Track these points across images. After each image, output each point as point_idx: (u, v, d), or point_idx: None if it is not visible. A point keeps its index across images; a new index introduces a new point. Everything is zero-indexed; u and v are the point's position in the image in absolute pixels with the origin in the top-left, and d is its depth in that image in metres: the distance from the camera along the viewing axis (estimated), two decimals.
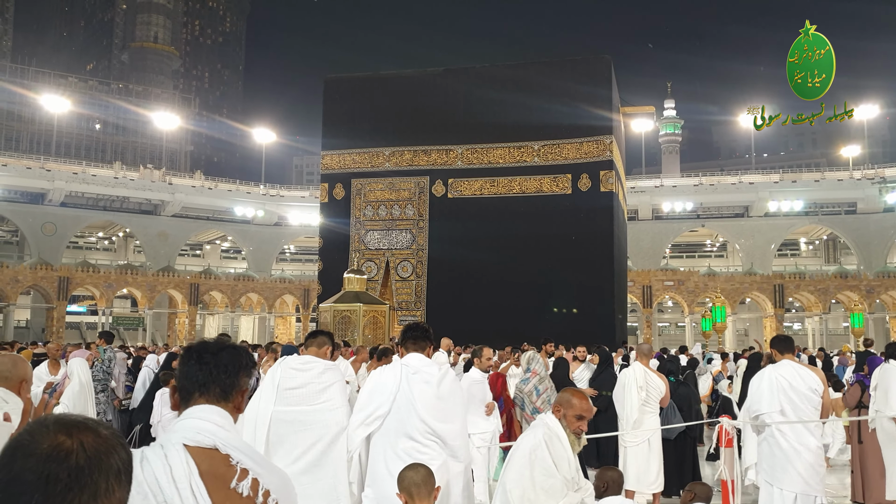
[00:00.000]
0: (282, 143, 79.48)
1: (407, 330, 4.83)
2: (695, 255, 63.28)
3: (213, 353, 2.16)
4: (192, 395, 2.12)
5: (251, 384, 2.26)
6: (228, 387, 2.13)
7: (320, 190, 27.24)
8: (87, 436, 1.27)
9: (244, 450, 2.00)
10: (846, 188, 55.29)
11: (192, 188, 58.65)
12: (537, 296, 22.55)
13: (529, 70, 26.51)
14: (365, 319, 18.58)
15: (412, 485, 3.49)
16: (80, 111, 75.78)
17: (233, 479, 1.91)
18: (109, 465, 1.27)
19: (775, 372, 6.04)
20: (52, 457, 1.21)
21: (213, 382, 2.11)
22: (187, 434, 1.98)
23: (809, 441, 5.85)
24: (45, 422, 1.29)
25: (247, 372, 2.20)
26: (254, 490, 1.92)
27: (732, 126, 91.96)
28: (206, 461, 1.93)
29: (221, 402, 2.11)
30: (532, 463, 3.64)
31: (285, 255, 64.98)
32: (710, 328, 33.71)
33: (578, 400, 3.87)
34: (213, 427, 2.01)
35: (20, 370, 3.20)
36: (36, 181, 53.03)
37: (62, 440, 1.24)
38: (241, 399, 2.18)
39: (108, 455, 1.27)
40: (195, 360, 2.15)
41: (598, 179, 23.70)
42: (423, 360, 4.61)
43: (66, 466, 1.21)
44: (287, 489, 2.03)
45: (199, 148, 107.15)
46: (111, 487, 1.26)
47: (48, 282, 45.42)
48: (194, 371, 2.13)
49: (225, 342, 2.24)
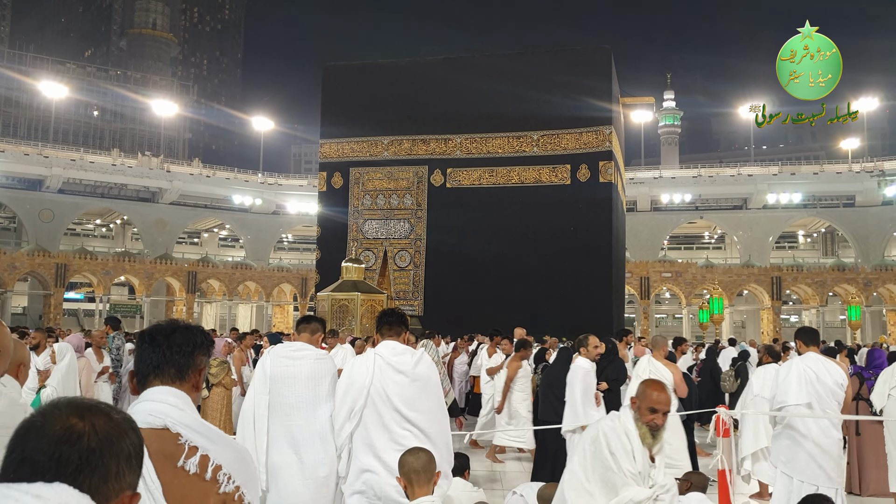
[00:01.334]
0: (280, 132, 79.36)
1: (382, 316, 4.73)
2: (693, 247, 63.30)
3: (165, 335, 2.17)
4: (147, 378, 2.13)
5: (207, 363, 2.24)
6: (183, 367, 2.14)
7: (318, 179, 27.19)
8: (99, 419, 1.28)
9: (197, 427, 2.01)
10: (845, 181, 55.28)
11: (190, 176, 58.52)
12: (535, 286, 22.55)
13: (529, 60, 26.43)
14: (363, 308, 18.57)
15: (412, 471, 3.46)
16: (78, 98, 75.49)
17: (181, 457, 1.92)
18: (120, 449, 1.29)
19: (803, 364, 5.99)
20: (63, 439, 1.23)
21: (166, 363, 2.13)
22: (139, 416, 1.99)
23: (834, 434, 5.85)
24: (57, 404, 1.30)
25: (203, 351, 2.20)
26: (202, 466, 1.93)
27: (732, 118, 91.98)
28: (157, 441, 1.94)
29: (177, 383, 2.12)
30: (591, 454, 3.54)
31: (283, 243, 64.93)
32: (707, 320, 33.78)
33: (654, 391, 3.57)
34: (165, 407, 2.02)
35: (18, 354, 3.18)
36: (34, 168, 52.89)
37: (74, 422, 1.25)
38: (199, 378, 2.19)
39: (120, 439, 1.29)
40: (148, 343, 2.16)
41: (597, 170, 23.68)
42: (397, 348, 4.54)
43: (77, 449, 1.23)
44: (243, 463, 2.03)
45: (198, 136, 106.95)
46: (122, 471, 1.28)
47: (46, 268, 45.36)
48: (147, 354, 2.15)
49: (178, 323, 2.23)
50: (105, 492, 1.25)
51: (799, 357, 6.17)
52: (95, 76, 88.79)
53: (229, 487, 1.94)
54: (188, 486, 1.91)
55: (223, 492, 1.94)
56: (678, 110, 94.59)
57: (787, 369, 6.09)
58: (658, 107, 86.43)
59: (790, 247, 62.61)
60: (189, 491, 1.91)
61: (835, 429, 5.89)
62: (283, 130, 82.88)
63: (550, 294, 22.41)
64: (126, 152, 64.80)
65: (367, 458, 4.34)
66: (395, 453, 4.12)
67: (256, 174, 62.21)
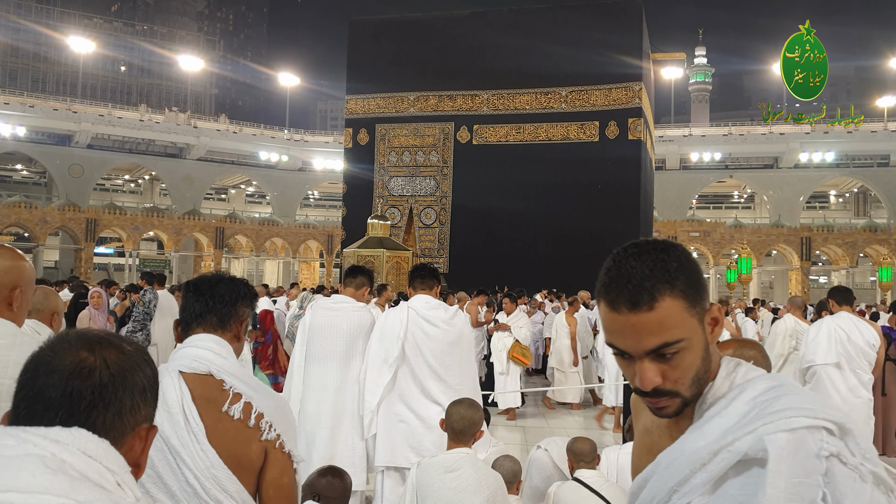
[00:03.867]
0: (306, 88, 79.03)
1: (414, 270, 4.78)
2: (722, 207, 62.55)
3: (210, 286, 2.22)
4: (190, 326, 2.19)
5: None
6: (225, 316, 2.19)
7: (344, 135, 27.11)
8: (110, 352, 1.24)
9: (240, 375, 2.06)
10: (880, 140, 53.96)
11: (217, 132, 58.68)
12: (562, 244, 22.44)
13: (558, 14, 25.92)
14: (388, 265, 18.64)
15: (455, 421, 3.46)
16: (105, 53, 75.61)
17: (225, 403, 1.98)
18: (134, 383, 1.25)
19: (834, 323, 5.91)
20: (75, 373, 1.19)
21: (209, 312, 2.18)
22: (184, 361, 2.06)
23: (863, 394, 5.79)
24: (66, 337, 1.25)
25: (245, 302, 2.25)
26: (245, 413, 1.99)
27: (764, 75, 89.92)
28: (201, 386, 2.01)
29: (219, 332, 2.17)
30: None
31: (309, 200, 65.17)
32: (735, 280, 33.52)
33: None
34: (209, 354, 2.08)
35: (52, 302, 3.24)
36: (63, 123, 53.31)
37: (85, 356, 1.22)
38: (240, 328, 2.24)
39: (133, 372, 1.25)
40: (192, 293, 2.22)
41: (626, 127, 23.35)
42: (430, 302, 4.56)
43: (89, 384, 1.20)
44: (283, 413, 2.08)
45: (224, 91, 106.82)
46: (136, 405, 1.25)
47: (76, 223, 46.00)
48: (192, 303, 2.21)
49: (222, 275, 2.28)
50: (121, 426, 1.22)
51: (831, 316, 6.10)
52: (122, 31, 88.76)
53: (271, 435, 2.00)
54: (232, 430, 1.97)
55: (265, 439, 1.99)
56: (709, 67, 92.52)
57: (818, 328, 6.03)
58: (689, 63, 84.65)
59: (821, 207, 61.62)
60: (233, 436, 1.97)
61: (864, 388, 5.83)
62: (309, 86, 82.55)
63: (577, 253, 22.25)
64: (153, 108, 65.04)
65: (400, 408, 4.39)
66: (427, 404, 4.16)
67: (283, 130, 62.22)
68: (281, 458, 2.01)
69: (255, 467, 1.98)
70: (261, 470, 2.00)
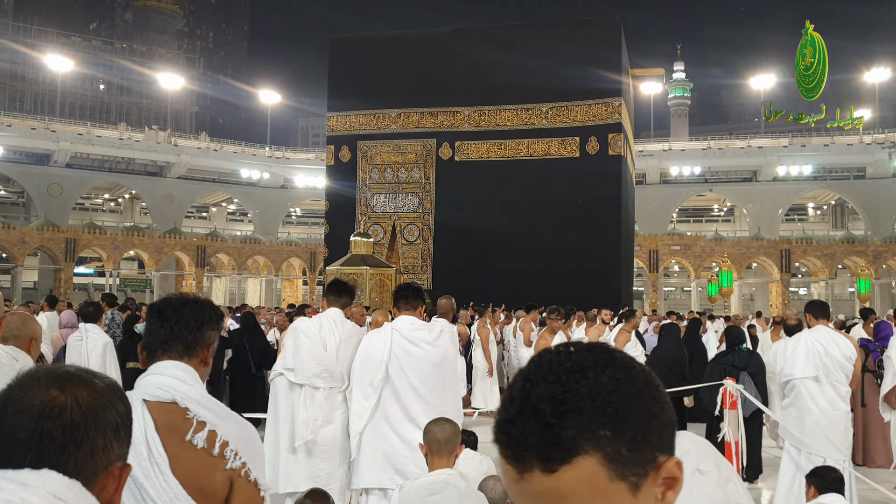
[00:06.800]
0: (287, 105, 79.01)
1: (399, 290, 4.77)
2: (702, 220, 63.02)
3: (174, 310, 2.16)
4: (156, 353, 2.14)
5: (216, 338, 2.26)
6: (191, 342, 2.13)
7: (326, 152, 27.14)
8: (81, 390, 1.19)
9: (205, 403, 2.02)
10: (856, 153, 54.71)
11: (198, 150, 58.38)
12: (544, 259, 22.53)
13: (538, 31, 26.18)
14: (371, 282, 18.62)
15: (434, 440, 3.46)
16: (83, 71, 75.17)
17: (188, 432, 1.94)
18: (107, 421, 1.20)
19: (811, 337, 5.96)
20: (44, 413, 1.14)
21: (174, 339, 2.12)
22: (148, 389, 2.02)
23: (841, 406, 5.85)
24: (35, 374, 1.20)
25: (211, 326, 2.19)
26: (210, 441, 1.94)
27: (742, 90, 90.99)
28: (165, 415, 1.96)
29: (185, 358, 2.12)
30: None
31: (291, 217, 64.94)
32: (716, 293, 33.77)
33: None
34: (173, 382, 2.03)
35: (30, 328, 3.22)
36: (41, 142, 52.80)
37: (55, 395, 1.17)
38: (207, 353, 2.18)
39: (105, 410, 1.20)
40: (156, 318, 2.16)
41: (606, 142, 23.55)
42: (414, 323, 4.54)
43: (59, 424, 1.15)
44: (249, 441, 2.04)
45: (204, 109, 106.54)
46: (109, 444, 1.20)
47: (55, 243, 45.54)
48: (156, 329, 2.15)
49: (187, 297, 2.23)
50: (93, 467, 1.17)
51: (808, 330, 6.16)
52: (101, 49, 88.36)
53: (236, 463, 1.95)
54: (195, 460, 1.93)
55: (230, 467, 1.95)
56: (688, 82, 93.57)
57: (795, 342, 6.08)
58: (668, 78, 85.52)
59: (800, 219, 62.23)
60: (197, 465, 1.93)
61: (842, 401, 5.89)
62: (290, 103, 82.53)
63: (559, 267, 22.39)
64: (133, 126, 64.64)
65: (384, 429, 4.39)
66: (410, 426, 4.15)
67: (264, 148, 62.02)
68: (246, 486, 1.96)
69: (220, 496, 1.94)
70: (227, 499, 1.95)
